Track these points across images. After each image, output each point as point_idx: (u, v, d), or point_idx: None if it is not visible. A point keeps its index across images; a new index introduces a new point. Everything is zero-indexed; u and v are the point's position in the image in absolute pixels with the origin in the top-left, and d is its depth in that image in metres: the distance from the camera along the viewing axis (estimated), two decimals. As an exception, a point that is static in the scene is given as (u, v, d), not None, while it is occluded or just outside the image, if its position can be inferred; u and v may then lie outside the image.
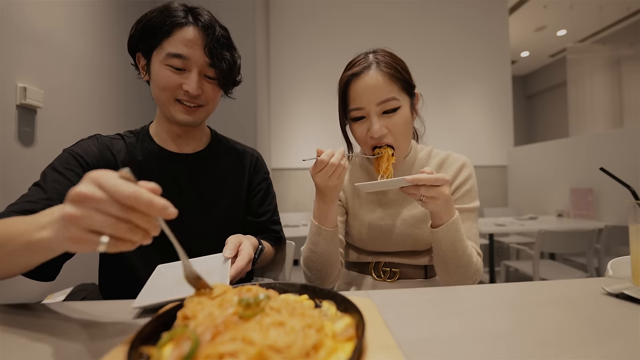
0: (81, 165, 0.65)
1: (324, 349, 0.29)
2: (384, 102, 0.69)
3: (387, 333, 0.35)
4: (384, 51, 0.75)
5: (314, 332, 0.30)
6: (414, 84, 0.75)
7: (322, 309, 0.39)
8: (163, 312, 0.36)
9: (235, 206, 0.80)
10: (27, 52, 1.26)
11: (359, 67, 0.71)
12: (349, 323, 0.34)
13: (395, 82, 0.70)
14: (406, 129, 0.73)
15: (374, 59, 0.72)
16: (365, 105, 0.70)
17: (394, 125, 0.71)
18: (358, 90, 0.71)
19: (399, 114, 0.71)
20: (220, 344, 0.27)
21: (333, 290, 0.42)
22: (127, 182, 0.32)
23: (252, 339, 0.27)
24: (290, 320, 0.30)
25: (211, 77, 0.70)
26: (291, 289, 0.43)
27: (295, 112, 3.53)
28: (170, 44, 0.66)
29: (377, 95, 0.69)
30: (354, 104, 0.72)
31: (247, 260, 0.58)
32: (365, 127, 0.72)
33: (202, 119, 0.74)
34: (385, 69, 0.70)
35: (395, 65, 0.72)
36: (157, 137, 0.76)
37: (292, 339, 0.28)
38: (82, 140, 0.70)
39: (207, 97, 0.71)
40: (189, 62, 0.66)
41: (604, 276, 0.60)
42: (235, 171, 0.82)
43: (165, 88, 0.67)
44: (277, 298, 0.37)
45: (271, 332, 0.29)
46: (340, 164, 0.63)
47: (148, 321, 0.34)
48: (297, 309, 0.34)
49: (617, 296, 0.47)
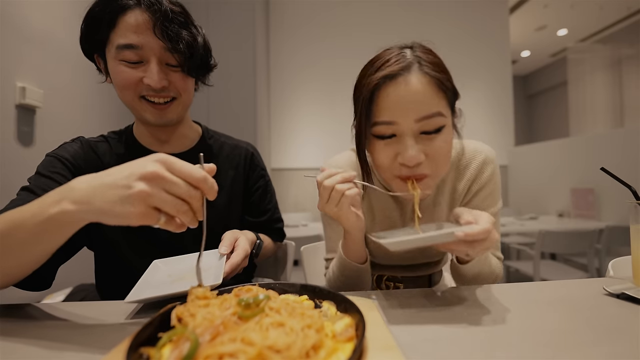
0: (67, 167, 0.62)
1: (323, 350, 0.29)
2: (426, 119, 0.51)
3: (388, 334, 0.35)
4: (423, 47, 0.56)
5: (313, 333, 0.30)
6: (459, 95, 0.58)
7: (322, 309, 0.39)
8: (162, 313, 0.36)
9: (232, 205, 0.76)
10: (26, 52, 1.26)
11: (395, 66, 0.52)
12: (349, 323, 0.34)
13: (443, 92, 0.53)
14: (448, 155, 0.55)
15: (414, 57, 0.53)
16: (399, 120, 0.51)
17: (435, 150, 0.52)
18: (392, 98, 0.51)
19: (443, 136, 0.53)
20: (219, 345, 0.27)
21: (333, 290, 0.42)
22: (196, 166, 0.37)
23: (251, 340, 0.27)
24: (290, 321, 0.30)
25: (174, 64, 0.61)
26: (291, 289, 0.43)
27: (295, 112, 3.53)
28: (118, 36, 0.58)
29: (419, 108, 0.51)
30: (383, 116, 0.52)
31: (243, 256, 0.57)
32: (394, 149, 0.53)
33: (178, 116, 0.66)
34: (431, 72, 0.52)
35: (443, 68, 0.54)
36: (141, 138, 0.71)
37: (291, 340, 0.28)
38: (64, 143, 0.67)
39: (177, 88, 0.63)
40: (143, 51, 0.58)
41: (604, 276, 0.60)
42: (228, 169, 0.77)
43: (125, 86, 0.60)
44: (277, 298, 0.37)
45: (271, 332, 0.29)
46: (340, 191, 0.50)
47: (147, 322, 0.34)
48: (296, 309, 0.34)
49: (617, 296, 0.46)
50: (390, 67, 0.52)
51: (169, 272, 0.55)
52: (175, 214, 0.36)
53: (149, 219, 0.35)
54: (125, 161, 0.67)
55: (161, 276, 0.54)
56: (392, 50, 0.56)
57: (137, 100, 0.62)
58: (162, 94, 0.62)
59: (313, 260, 0.95)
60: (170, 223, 0.37)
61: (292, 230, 2.22)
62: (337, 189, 0.50)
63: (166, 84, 0.61)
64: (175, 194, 0.35)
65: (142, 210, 0.34)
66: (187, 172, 0.36)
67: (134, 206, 0.34)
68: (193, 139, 0.75)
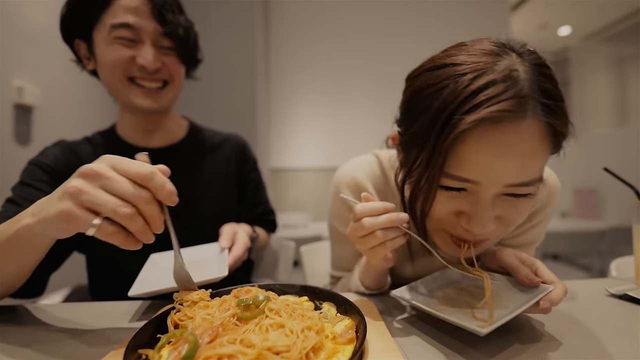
0: (48, 173, 0.61)
1: (324, 352, 0.29)
2: (518, 186, 0.37)
3: (388, 335, 0.35)
4: (536, 56, 0.38)
5: (313, 334, 0.29)
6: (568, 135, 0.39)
7: (322, 311, 0.38)
8: (161, 314, 0.36)
9: (225, 198, 0.75)
10: (24, 51, 1.26)
11: (504, 105, 0.33)
12: (349, 325, 0.34)
13: (554, 143, 0.38)
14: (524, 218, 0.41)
15: (529, 86, 0.35)
16: (485, 181, 0.36)
17: (512, 216, 0.39)
18: (486, 152, 0.35)
19: (529, 201, 0.39)
20: (218, 346, 0.27)
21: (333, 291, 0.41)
22: (144, 163, 0.33)
23: (251, 341, 0.27)
24: (290, 322, 0.30)
25: (168, 47, 0.61)
26: (291, 290, 0.43)
27: (295, 113, 3.53)
28: (111, 16, 0.57)
29: (517, 173, 0.36)
30: (462, 171, 0.36)
31: (244, 249, 0.57)
32: (458, 205, 0.39)
33: (169, 102, 0.65)
34: (549, 118, 0.35)
35: (562, 101, 0.38)
36: (125, 134, 0.69)
37: (291, 341, 0.27)
38: (46, 148, 0.66)
39: (171, 71, 0.62)
40: (139, 32, 0.58)
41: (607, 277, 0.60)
42: (219, 162, 0.76)
43: (116, 65, 0.58)
44: (277, 299, 0.37)
45: (270, 334, 0.29)
46: (381, 239, 0.38)
47: (146, 323, 0.33)
48: (296, 310, 0.34)
49: (620, 297, 0.46)
50: (497, 104, 0.33)
51: (169, 266, 0.55)
52: (115, 217, 0.30)
53: (75, 220, 0.30)
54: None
55: (161, 269, 0.53)
56: (491, 57, 0.36)
57: (126, 82, 0.61)
58: (154, 77, 0.61)
59: (313, 261, 0.94)
60: (115, 235, 0.31)
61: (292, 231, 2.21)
62: (377, 236, 0.38)
63: (160, 65, 0.60)
64: (117, 193, 0.30)
65: (69, 207, 0.29)
66: (132, 170, 0.31)
67: (63, 203, 0.30)
68: (180, 132, 0.74)
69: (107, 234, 0.31)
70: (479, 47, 0.37)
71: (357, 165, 0.59)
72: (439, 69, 0.38)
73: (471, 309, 0.38)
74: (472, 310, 0.37)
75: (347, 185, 0.57)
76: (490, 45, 0.37)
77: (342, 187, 0.58)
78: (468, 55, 0.37)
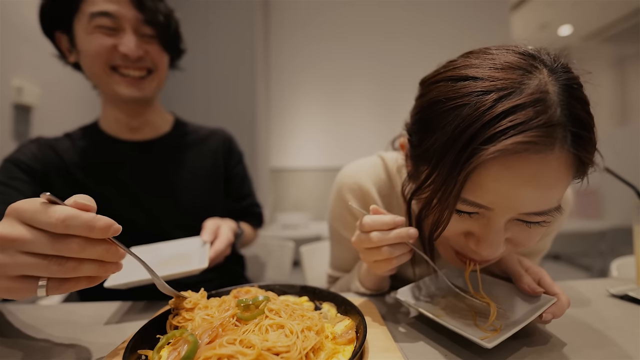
0: (24, 171, 0.60)
1: (324, 352, 0.29)
2: (534, 215, 0.34)
3: (388, 335, 0.34)
4: (573, 86, 0.35)
5: (313, 335, 0.29)
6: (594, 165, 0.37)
7: (322, 311, 0.38)
8: (161, 314, 0.36)
9: (212, 191, 0.75)
10: (24, 51, 1.26)
11: (532, 136, 0.30)
12: (349, 325, 0.34)
13: (576, 173, 0.36)
14: (535, 242, 0.39)
15: (561, 119, 0.32)
16: (500, 210, 0.34)
17: (523, 242, 0.38)
18: (506, 182, 0.32)
19: (543, 228, 0.37)
20: (218, 347, 0.26)
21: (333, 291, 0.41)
22: (55, 206, 0.26)
23: (250, 342, 0.27)
24: (290, 323, 0.30)
25: (150, 34, 0.61)
26: (291, 290, 0.43)
27: (295, 113, 3.53)
28: (90, 4, 0.57)
29: (538, 202, 0.34)
30: (479, 198, 0.34)
31: (226, 244, 0.56)
32: (468, 226, 0.37)
33: (152, 92, 0.65)
34: (576, 151, 0.33)
35: (592, 132, 0.35)
36: (108, 127, 0.68)
37: (291, 342, 0.27)
38: (22, 145, 0.65)
39: (154, 59, 0.62)
40: (120, 20, 0.58)
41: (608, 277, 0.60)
42: (205, 156, 0.75)
43: (98, 54, 0.58)
44: (277, 300, 0.36)
45: (270, 334, 0.29)
46: (387, 254, 0.37)
47: (145, 323, 0.33)
48: (296, 311, 0.33)
49: (621, 298, 0.46)
50: (523, 132, 0.30)
51: (149, 259, 0.54)
52: (56, 276, 0.27)
53: (22, 292, 0.27)
54: (90, 155, 0.65)
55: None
56: (520, 73, 0.32)
57: (109, 72, 0.60)
58: (137, 65, 0.61)
59: (313, 261, 0.94)
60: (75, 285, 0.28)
61: (291, 231, 2.21)
62: (383, 252, 0.37)
63: (142, 53, 0.60)
64: (39, 253, 0.26)
65: (6, 284, 0.27)
66: (38, 220, 0.26)
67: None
68: (165, 126, 0.74)
69: (63, 290, 0.28)
70: (504, 59, 0.33)
71: (361, 168, 0.56)
72: (458, 81, 0.34)
73: (473, 315, 0.38)
74: (474, 315, 0.37)
75: (351, 189, 0.55)
76: (519, 59, 0.33)
77: (345, 190, 0.55)
78: (493, 70, 0.33)
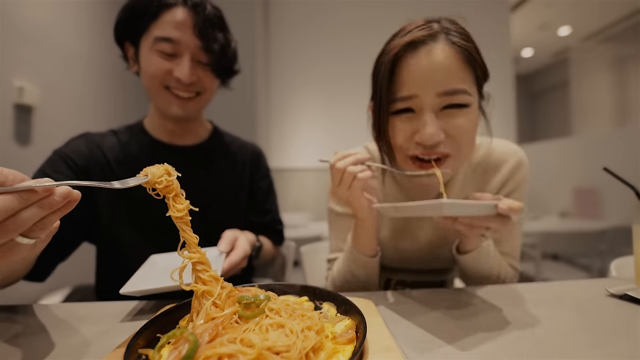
0: (70, 167, 0.63)
1: (324, 352, 0.29)
2: (449, 95, 0.47)
3: (388, 335, 0.35)
4: (451, 20, 0.52)
5: (313, 334, 0.29)
6: (489, 76, 0.53)
7: (323, 311, 0.38)
8: (161, 313, 0.36)
9: (235, 203, 0.77)
10: (24, 51, 1.26)
11: (419, 33, 0.48)
12: (349, 325, 0.34)
13: (471, 68, 0.49)
14: (472, 138, 0.51)
15: (440, 27, 0.49)
16: (420, 92, 0.47)
17: (457, 129, 0.48)
18: (414, 68, 0.48)
19: (467, 115, 0.48)
20: (219, 346, 0.27)
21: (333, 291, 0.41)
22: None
23: (251, 341, 0.27)
24: (290, 322, 0.30)
25: (205, 62, 0.65)
26: (291, 290, 0.43)
27: (295, 113, 3.53)
28: (158, 28, 0.62)
29: (442, 81, 0.47)
30: (402, 90, 0.48)
31: (242, 256, 0.56)
32: (412, 126, 0.49)
33: (197, 112, 0.70)
34: (459, 42, 0.48)
35: (472, 40, 0.50)
36: (153, 130, 0.73)
37: (291, 341, 0.27)
38: (71, 139, 0.68)
39: (204, 85, 0.67)
40: (180, 46, 0.62)
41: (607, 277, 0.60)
42: (235, 165, 0.79)
43: (154, 75, 0.63)
44: (277, 299, 0.37)
45: (270, 334, 0.29)
46: (352, 173, 0.48)
47: (146, 323, 0.34)
48: (296, 310, 0.34)
49: (620, 297, 0.46)
50: (414, 33, 0.48)
51: (167, 267, 0.54)
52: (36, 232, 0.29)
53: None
54: (133, 154, 0.69)
55: (158, 270, 0.53)
56: (416, 21, 0.51)
57: (162, 90, 0.65)
58: (188, 88, 0.65)
59: (313, 261, 0.94)
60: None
61: (292, 231, 2.21)
62: (349, 171, 0.48)
63: (195, 79, 0.64)
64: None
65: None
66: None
67: None
68: (203, 134, 0.78)
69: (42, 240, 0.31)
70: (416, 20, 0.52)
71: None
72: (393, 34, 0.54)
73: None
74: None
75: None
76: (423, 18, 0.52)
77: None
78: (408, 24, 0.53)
